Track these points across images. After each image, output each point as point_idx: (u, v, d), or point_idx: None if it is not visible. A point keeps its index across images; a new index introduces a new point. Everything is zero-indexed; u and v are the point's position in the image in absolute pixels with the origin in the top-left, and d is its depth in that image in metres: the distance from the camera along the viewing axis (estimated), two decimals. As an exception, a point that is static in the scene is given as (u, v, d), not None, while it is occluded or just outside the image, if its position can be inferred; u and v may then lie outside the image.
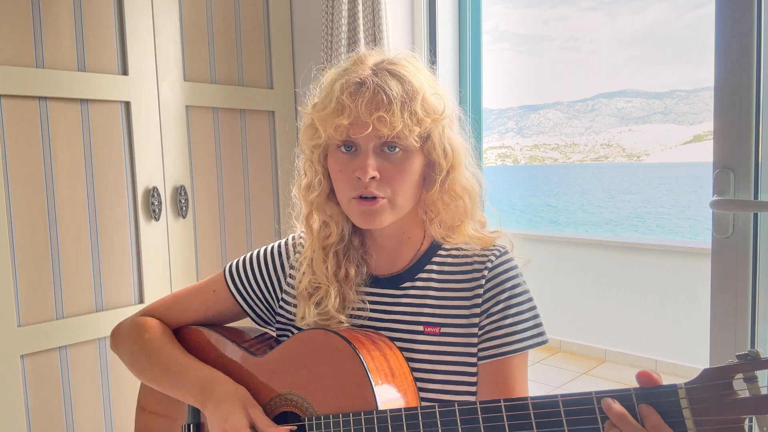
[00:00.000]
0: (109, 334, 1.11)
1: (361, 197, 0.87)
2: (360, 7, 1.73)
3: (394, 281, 0.95)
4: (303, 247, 1.01)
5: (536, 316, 0.91)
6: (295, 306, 0.99)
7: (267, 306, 1.04)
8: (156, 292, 1.80)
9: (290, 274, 1.02)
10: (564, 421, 0.67)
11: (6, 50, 1.52)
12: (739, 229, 1.24)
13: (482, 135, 1.97)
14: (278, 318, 1.04)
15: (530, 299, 0.91)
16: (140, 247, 1.77)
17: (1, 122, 1.53)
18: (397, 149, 0.87)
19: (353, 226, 0.96)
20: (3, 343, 1.53)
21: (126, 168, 1.75)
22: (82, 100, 1.66)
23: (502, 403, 0.69)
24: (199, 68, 1.90)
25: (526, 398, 0.69)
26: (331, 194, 0.94)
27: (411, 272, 0.95)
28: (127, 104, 1.74)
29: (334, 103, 0.85)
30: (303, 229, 1.00)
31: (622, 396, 0.65)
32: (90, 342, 1.68)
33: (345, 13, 1.74)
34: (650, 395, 0.63)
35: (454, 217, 0.93)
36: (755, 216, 1.24)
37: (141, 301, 1.78)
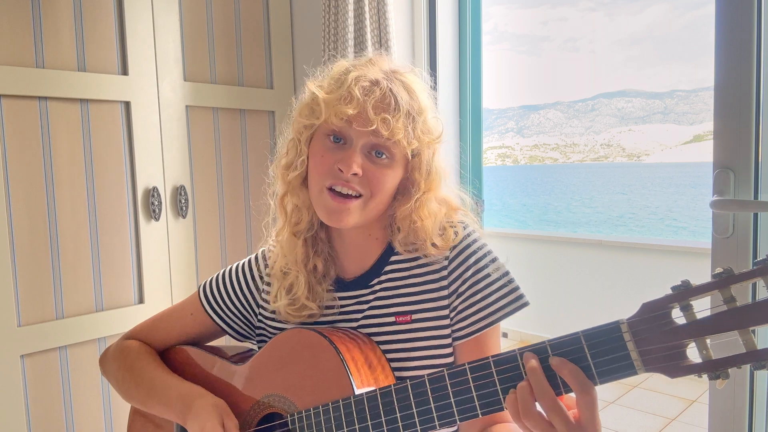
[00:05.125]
0: (109, 334, 1.11)
1: (334, 191, 0.87)
2: (366, 8, 1.73)
3: (361, 282, 0.96)
4: (273, 260, 1.02)
5: (508, 283, 0.90)
6: (273, 321, 1.01)
7: (245, 321, 1.05)
8: (156, 292, 1.80)
9: (264, 290, 1.03)
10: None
11: (6, 50, 1.53)
12: (739, 229, 1.24)
13: (482, 135, 1.97)
14: (258, 331, 1.05)
15: (497, 269, 0.91)
16: (140, 247, 1.77)
17: (1, 122, 1.53)
18: (384, 156, 0.88)
19: None
20: (3, 343, 1.53)
21: (126, 168, 1.75)
22: (82, 100, 1.66)
23: (467, 366, 0.72)
24: (199, 68, 1.90)
25: (487, 358, 0.72)
26: (306, 180, 0.94)
27: (377, 268, 0.96)
28: (127, 104, 1.74)
29: (344, 91, 0.86)
30: (276, 208, 0.99)
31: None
32: (90, 342, 1.67)
33: (351, 14, 1.74)
34: (595, 334, 0.67)
35: (417, 237, 0.93)
36: (755, 216, 1.24)
37: (141, 301, 1.78)
